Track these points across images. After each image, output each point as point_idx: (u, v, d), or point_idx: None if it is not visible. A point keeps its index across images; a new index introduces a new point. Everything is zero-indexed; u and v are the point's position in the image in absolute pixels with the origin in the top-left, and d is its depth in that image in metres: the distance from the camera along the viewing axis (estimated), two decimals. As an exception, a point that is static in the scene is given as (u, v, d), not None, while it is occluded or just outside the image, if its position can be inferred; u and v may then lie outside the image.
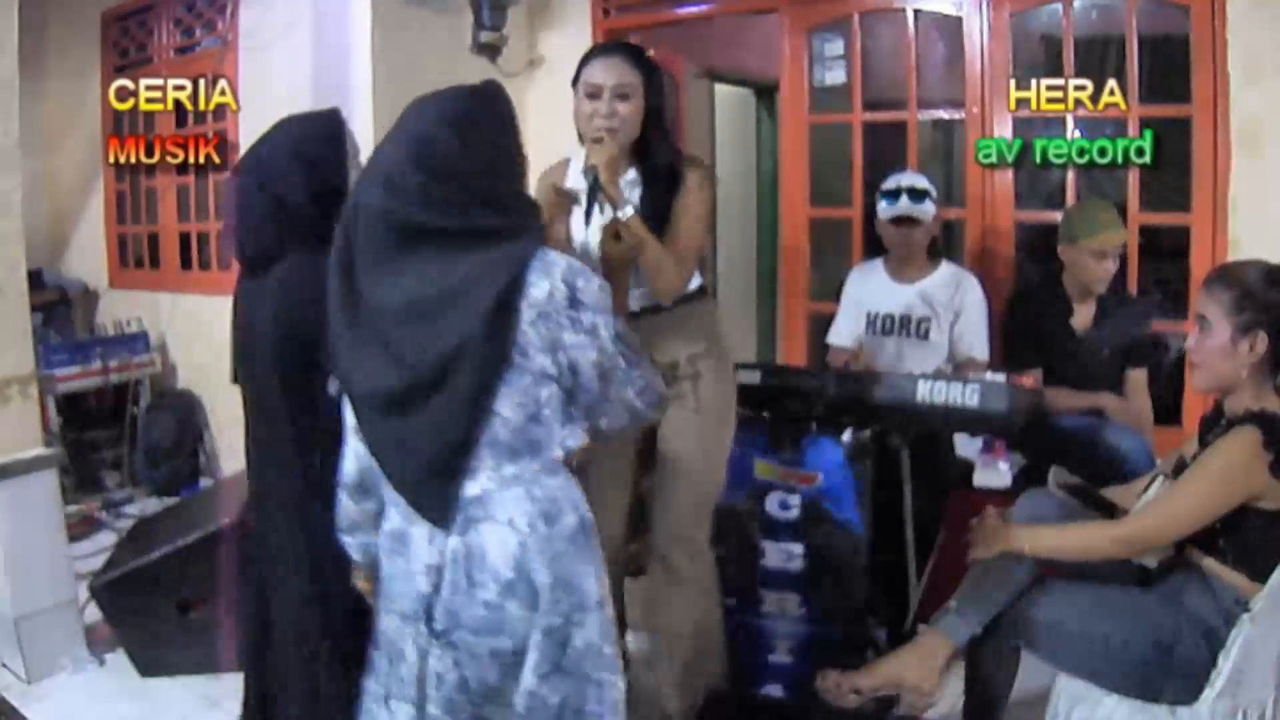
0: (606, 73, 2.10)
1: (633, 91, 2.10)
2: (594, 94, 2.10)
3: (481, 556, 1.42)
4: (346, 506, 1.59)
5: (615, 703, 1.48)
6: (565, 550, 1.44)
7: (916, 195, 2.88)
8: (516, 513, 1.43)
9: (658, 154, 2.15)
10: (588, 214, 2.10)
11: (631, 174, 2.16)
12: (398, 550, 1.49)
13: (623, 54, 2.14)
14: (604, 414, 1.50)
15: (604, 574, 1.50)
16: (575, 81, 2.15)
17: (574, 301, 1.43)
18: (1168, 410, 3.00)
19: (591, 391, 1.47)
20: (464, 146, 1.45)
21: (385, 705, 1.52)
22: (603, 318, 1.46)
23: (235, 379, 2.00)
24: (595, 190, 2.06)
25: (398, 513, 1.50)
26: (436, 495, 1.44)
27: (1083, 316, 2.88)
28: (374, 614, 1.57)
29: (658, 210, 2.11)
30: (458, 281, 1.40)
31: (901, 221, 2.90)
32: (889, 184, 2.94)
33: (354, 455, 1.55)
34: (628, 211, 2.04)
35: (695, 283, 2.23)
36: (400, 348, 1.42)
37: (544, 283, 1.41)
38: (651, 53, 2.26)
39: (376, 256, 1.43)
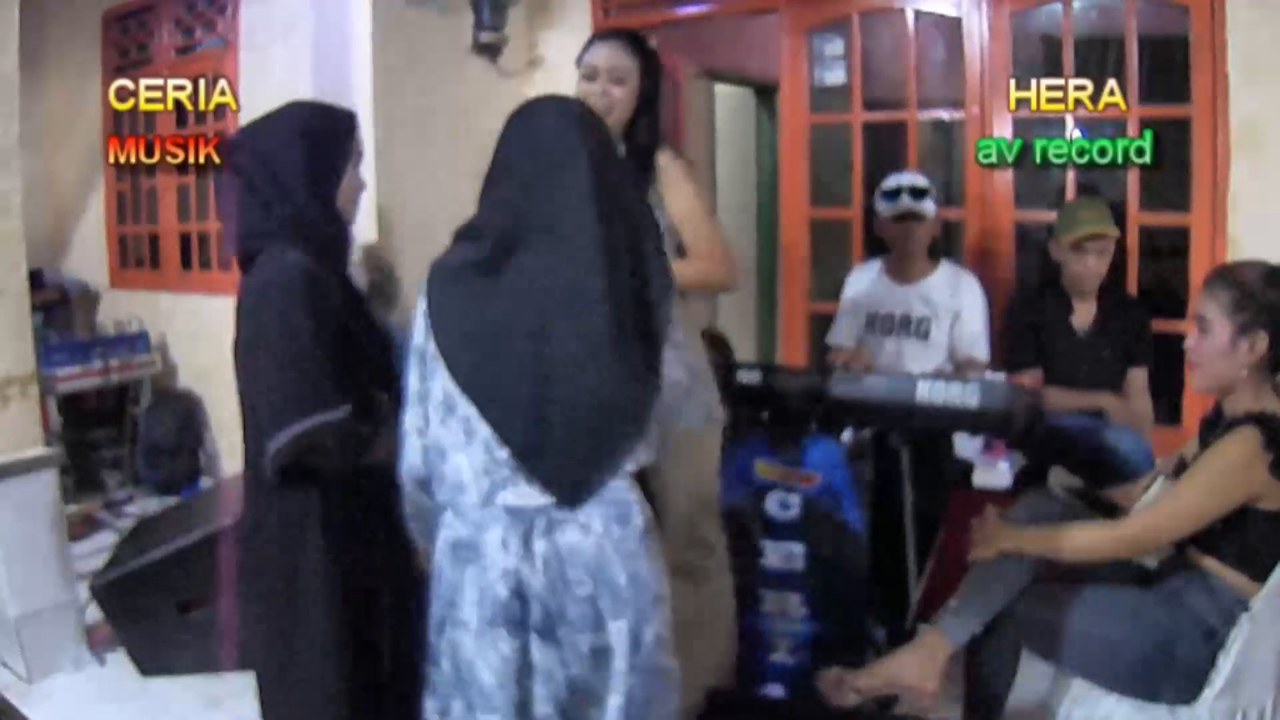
0: (603, 56, 2.19)
1: (627, 76, 2.18)
2: (590, 76, 2.19)
3: (571, 555, 1.46)
4: (413, 497, 1.59)
5: (676, 683, 1.55)
6: (637, 550, 1.49)
7: (917, 193, 2.89)
8: (593, 516, 1.47)
9: (639, 139, 2.21)
10: None
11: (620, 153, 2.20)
12: (468, 559, 1.49)
13: (621, 40, 2.23)
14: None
15: (666, 570, 1.55)
16: (579, 63, 2.23)
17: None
18: (1168, 410, 3.00)
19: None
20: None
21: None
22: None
23: None
24: None
25: (463, 521, 1.49)
26: (587, 482, 1.47)
27: (1082, 316, 2.88)
28: (430, 626, 1.56)
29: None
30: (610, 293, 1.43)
31: (903, 218, 2.90)
32: (889, 183, 2.95)
33: (419, 452, 1.54)
34: None
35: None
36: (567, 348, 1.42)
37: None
38: (653, 41, 2.32)
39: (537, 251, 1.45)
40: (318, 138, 1.79)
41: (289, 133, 1.78)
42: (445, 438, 1.49)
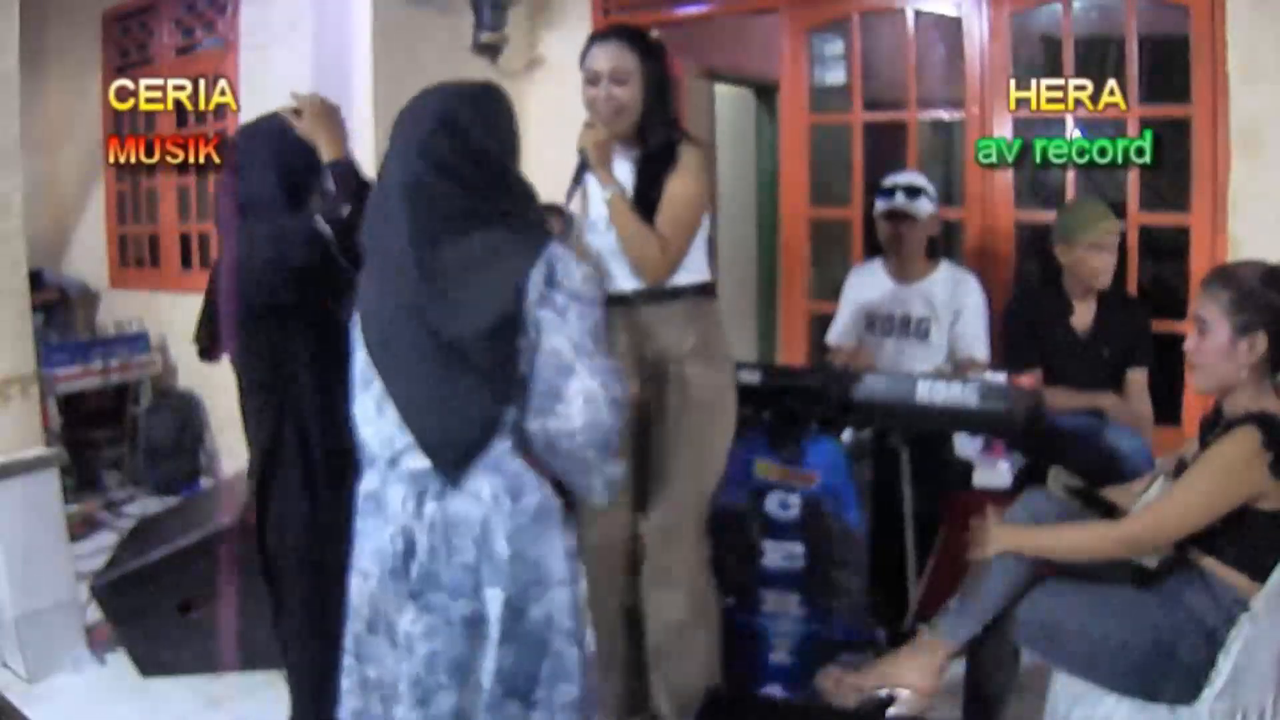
0: (603, 58, 2.15)
1: (629, 75, 2.14)
2: (593, 80, 2.16)
3: (458, 523, 1.49)
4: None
5: (572, 672, 1.53)
6: (527, 526, 1.50)
7: (911, 192, 2.89)
8: (484, 485, 1.49)
9: (653, 135, 2.17)
10: (570, 194, 2.22)
11: (634, 155, 2.18)
12: (372, 511, 1.56)
13: (619, 38, 2.18)
14: (552, 413, 1.46)
15: (572, 554, 1.55)
16: (581, 67, 2.20)
17: (550, 280, 1.48)
18: (1168, 410, 3.00)
19: (546, 380, 1.46)
20: (484, 131, 1.56)
21: (361, 670, 1.58)
22: (578, 305, 1.49)
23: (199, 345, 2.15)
24: (583, 171, 2.17)
25: (375, 473, 1.56)
26: (465, 456, 1.49)
27: (1083, 316, 2.88)
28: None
29: (650, 191, 2.13)
30: (486, 255, 1.49)
31: (895, 217, 2.91)
32: (886, 182, 2.96)
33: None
34: (611, 191, 2.10)
35: (700, 277, 2.23)
36: (441, 314, 1.47)
37: (540, 263, 1.48)
38: (654, 34, 2.27)
39: (415, 231, 1.50)
40: (288, 167, 2.02)
41: (264, 157, 2.04)
42: (360, 410, 1.57)
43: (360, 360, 1.56)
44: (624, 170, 2.17)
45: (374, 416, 1.54)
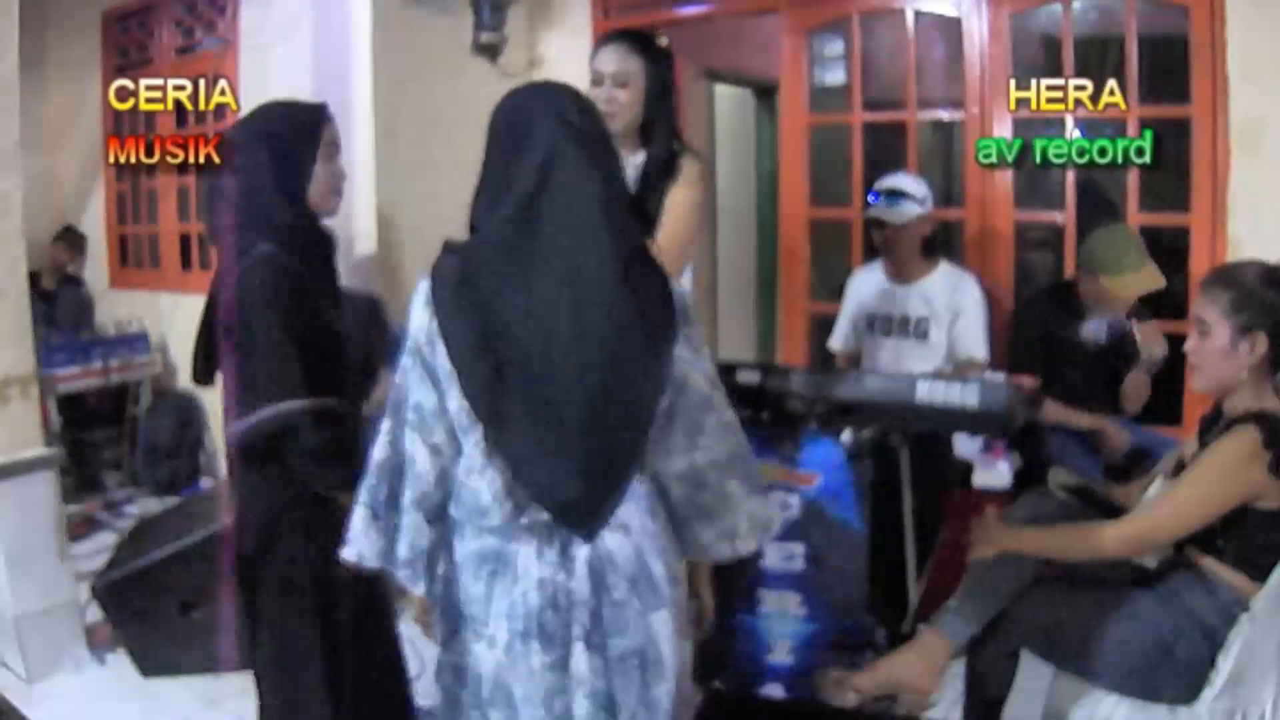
0: (607, 60, 2.18)
1: (631, 79, 2.16)
2: (597, 81, 2.18)
3: (611, 560, 1.44)
4: (421, 531, 1.47)
5: (679, 674, 1.53)
6: (666, 545, 1.50)
7: (892, 197, 2.89)
8: (631, 517, 1.45)
9: (657, 143, 2.19)
10: None
11: (636, 160, 2.19)
12: (498, 571, 1.44)
13: (625, 42, 2.21)
14: (697, 447, 1.47)
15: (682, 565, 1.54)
16: (589, 67, 2.21)
17: (686, 315, 1.46)
18: (1168, 410, 3.00)
19: (690, 417, 1.46)
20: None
21: None
22: (699, 336, 1.49)
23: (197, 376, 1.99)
24: None
25: (489, 532, 1.44)
26: (598, 507, 1.42)
27: (1091, 327, 2.88)
28: (450, 643, 1.51)
29: (649, 201, 2.13)
30: (622, 283, 1.38)
31: (878, 224, 2.91)
32: (875, 186, 2.96)
33: (433, 475, 1.45)
34: None
35: (690, 290, 2.23)
36: (571, 358, 1.36)
37: (678, 295, 1.45)
38: (664, 41, 2.26)
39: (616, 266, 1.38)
40: (280, 139, 1.85)
41: (253, 137, 1.86)
42: (464, 459, 1.44)
43: (454, 407, 1.41)
44: (631, 175, 2.15)
45: (484, 465, 1.41)
